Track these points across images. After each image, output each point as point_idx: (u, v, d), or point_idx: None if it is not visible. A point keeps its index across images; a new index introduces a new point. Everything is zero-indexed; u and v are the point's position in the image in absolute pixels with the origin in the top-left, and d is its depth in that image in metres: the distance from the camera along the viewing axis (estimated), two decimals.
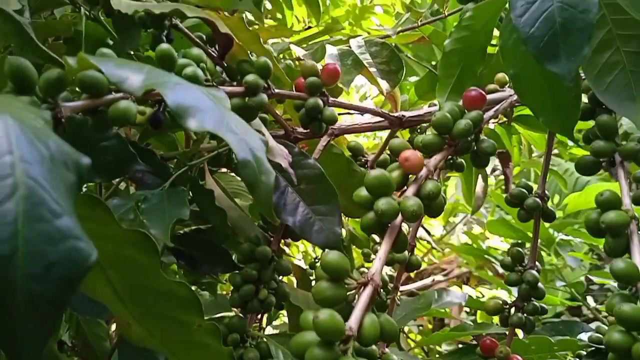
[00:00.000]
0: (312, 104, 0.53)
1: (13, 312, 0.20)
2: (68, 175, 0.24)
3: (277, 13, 2.30)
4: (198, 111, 0.28)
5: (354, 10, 2.26)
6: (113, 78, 0.29)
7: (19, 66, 0.34)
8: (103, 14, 0.67)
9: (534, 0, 0.42)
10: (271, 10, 2.11)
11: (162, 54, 0.41)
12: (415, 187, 0.41)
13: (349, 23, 2.33)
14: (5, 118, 0.23)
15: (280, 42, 1.22)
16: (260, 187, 0.28)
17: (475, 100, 0.47)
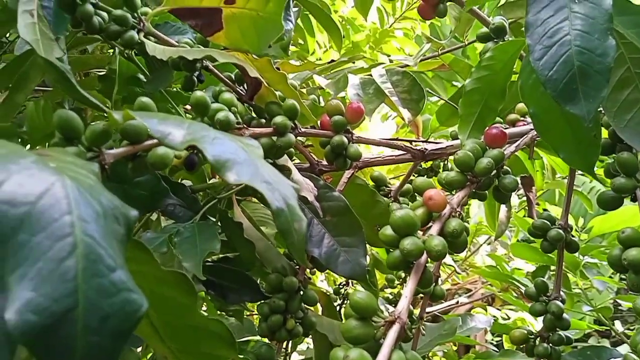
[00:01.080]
0: (338, 141, 0.55)
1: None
2: (118, 229, 0.26)
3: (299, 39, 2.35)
4: (235, 164, 0.30)
5: (374, 34, 2.29)
6: (156, 134, 0.31)
7: (67, 118, 0.37)
8: (135, 51, 0.71)
9: (552, 44, 0.43)
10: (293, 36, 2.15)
11: (197, 101, 0.44)
12: (440, 225, 0.42)
13: (369, 47, 2.37)
14: (64, 179, 0.25)
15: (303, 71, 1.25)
16: (293, 235, 0.30)
17: (496, 138, 0.48)
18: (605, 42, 0.42)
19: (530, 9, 0.46)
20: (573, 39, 0.43)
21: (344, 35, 2.09)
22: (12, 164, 0.25)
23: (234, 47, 0.59)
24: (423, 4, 0.56)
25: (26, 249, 0.22)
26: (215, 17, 0.58)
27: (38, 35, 0.51)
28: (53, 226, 0.23)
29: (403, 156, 0.65)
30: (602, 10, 0.43)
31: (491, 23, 0.59)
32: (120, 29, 0.57)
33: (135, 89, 0.84)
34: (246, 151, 0.32)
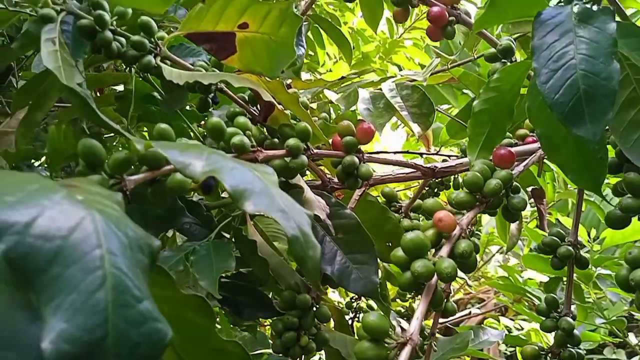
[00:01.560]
0: (349, 161, 0.56)
1: None
2: (143, 259, 0.28)
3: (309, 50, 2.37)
4: (252, 194, 0.31)
5: (384, 44, 2.30)
6: (178, 165, 0.33)
7: (91, 147, 0.39)
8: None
9: (557, 68, 0.45)
10: None
11: (214, 126, 0.45)
12: (449, 247, 0.43)
13: (379, 57, 2.38)
14: (93, 213, 0.26)
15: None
16: (307, 261, 0.32)
17: (504, 158, 0.49)
18: (609, 66, 0.43)
19: (536, 32, 0.47)
20: (578, 62, 0.44)
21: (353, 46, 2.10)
22: (44, 199, 0.27)
23: (247, 69, 0.61)
24: (431, 27, 0.57)
25: (60, 282, 0.24)
26: (229, 41, 0.59)
27: (60, 62, 0.53)
28: (84, 259, 0.25)
29: (413, 174, 0.66)
30: (607, 34, 0.44)
31: (498, 44, 0.60)
32: (137, 53, 0.59)
33: (150, 107, 0.86)
34: (262, 180, 0.34)
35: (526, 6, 0.49)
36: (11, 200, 0.26)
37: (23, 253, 0.24)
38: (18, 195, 0.26)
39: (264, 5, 0.56)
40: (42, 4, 0.55)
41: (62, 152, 0.58)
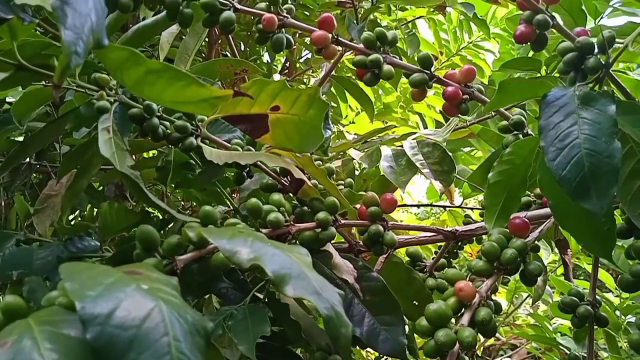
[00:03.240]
0: (374, 230, 0.61)
1: None
2: (200, 342, 0.32)
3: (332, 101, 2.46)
4: (291, 278, 0.36)
5: (405, 94, 2.37)
6: (226, 253, 0.38)
7: (147, 233, 0.44)
8: None
9: (563, 147, 0.49)
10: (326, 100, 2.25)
11: (252, 206, 0.51)
12: (470, 315, 0.47)
13: (401, 106, 2.44)
14: (161, 304, 0.31)
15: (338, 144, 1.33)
16: (340, 338, 0.36)
17: (520, 228, 0.53)
18: (611, 145, 0.47)
19: (543, 113, 0.52)
20: (582, 142, 0.48)
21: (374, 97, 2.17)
22: (119, 292, 0.32)
23: (279, 146, 0.66)
24: (447, 104, 0.62)
25: None
26: (262, 121, 0.65)
27: (114, 149, 0.60)
28: (155, 346, 0.29)
29: (435, 237, 0.70)
30: (607, 116, 0.49)
31: (511, 118, 0.65)
32: (180, 136, 0.65)
33: (187, 174, 0.92)
34: (298, 263, 0.38)
35: (532, 89, 0.54)
36: (93, 295, 0.31)
37: (105, 341, 0.29)
38: (98, 289, 0.32)
39: (293, 91, 0.62)
40: (98, 96, 0.62)
41: (113, 227, 0.64)
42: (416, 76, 0.62)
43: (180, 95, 0.43)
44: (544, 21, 0.54)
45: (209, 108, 0.43)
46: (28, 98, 0.86)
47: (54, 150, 1.26)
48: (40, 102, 0.97)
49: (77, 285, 0.32)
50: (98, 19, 0.41)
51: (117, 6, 0.56)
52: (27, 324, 0.33)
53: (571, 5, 0.98)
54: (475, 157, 2.04)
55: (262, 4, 0.61)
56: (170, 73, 0.43)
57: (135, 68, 0.43)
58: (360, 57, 0.62)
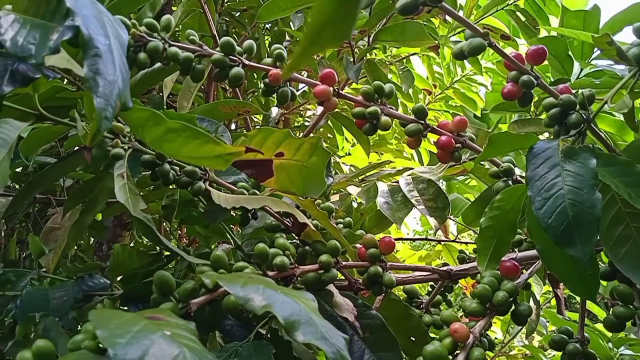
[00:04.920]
0: (374, 271, 0.64)
1: None
2: None
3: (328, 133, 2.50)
4: (300, 325, 0.39)
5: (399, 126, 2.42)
6: (240, 300, 0.41)
7: (164, 278, 0.48)
8: None
9: (549, 197, 0.53)
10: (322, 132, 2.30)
11: (260, 251, 0.54)
12: (465, 354, 0.50)
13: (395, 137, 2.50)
14: (184, 351, 0.35)
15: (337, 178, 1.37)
16: None
17: (510, 270, 0.57)
18: (592, 196, 0.51)
19: (530, 164, 0.56)
20: (566, 193, 0.52)
21: None
22: (146, 339, 0.35)
23: (283, 190, 0.70)
24: (440, 152, 0.66)
25: None
26: (267, 166, 0.69)
27: (128, 194, 0.63)
28: None
29: (431, 276, 0.73)
30: (589, 169, 0.53)
31: (501, 165, 0.69)
32: (190, 180, 0.69)
33: (192, 211, 0.96)
34: (307, 309, 0.42)
35: (519, 142, 0.58)
36: (123, 342, 0.34)
37: None
38: (127, 337, 0.35)
39: (297, 139, 0.66)
40: (113, 144, 0.66)
41: (124, 267, 0.67)
42: (412, 126, 0.67)
43: (197, 151, 0.47)
44: (529, 81, 0.58)
45: (223, 163, 0.47)
46: (36, 136, 0.89)
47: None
48: (48, 140, 1.01)
49: (107, 333, 0.36)
50: (124, 84, 0.45)
51: (135, 63, 0.61)
52: None
53: (558, 51, 1.04)
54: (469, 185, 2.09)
55: (268, 60, 0.66)
56: (188, 132, 0.47)
57: (156, 127, 0.47)
58: (359, 108, 0.66)
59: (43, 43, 0.46)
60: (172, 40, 0.64)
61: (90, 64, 0.42)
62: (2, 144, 0.57)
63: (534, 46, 0.59)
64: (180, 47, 0.63)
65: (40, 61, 0.46)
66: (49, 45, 0.46)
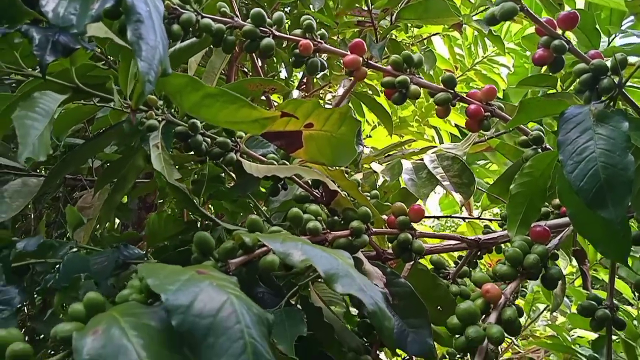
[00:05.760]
0: (403, 238, 0.65)
1: None
2: (264, 330, 0.37)
3: None
4: (339, 277, 0.41)
5: (420, 108, 2.42)
6: (280, 255, 0.43)
7: (204, 238, 0.49)
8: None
9: (580, 160, 0.53)
10: None
11: (294, 215, 0.56)
12: (497, 314, 0.51)
13: (416, 120, 2.49)
14: (231, 297, 0.36)
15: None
16: (384, 330, 0.40)
17: (540, 235, 0.58)
18: (625, 159, 0.52)
19: (561, 129, 0.56)
20: (598, 156, 0.52)
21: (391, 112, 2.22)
22: (195, 287, 0.37)
23: (312, 161, 0.71)
24: (470, 120, 0.67)
25: (214, 348, 0.34)
26: (296, 138, 0.71)
27: (163, 163, 0.65)
28: (229, 332, 0.34)
29: (459, 245, 0.74)
30: (621, 132, 0.53)
31: (530, 134, 0.69)
32: (222, 151, 0.71)
33: (219, 187, 0.98)
34: (343, 264, 0.43)
35: (551, 107, 0.58)
36: (173, 289, 0.36)
37: (187, 327, 0.34)
38: (176, 285, 0.37)
39: (326, 110, 0.67)
40: (147, 115, 0.68)
41: (159, 235, 0.69)
42: (441, 95, 0.67)
43: (234, 116, 0.49)
44: (561, 46, 0.58)
45: (259, 128, 0.48)
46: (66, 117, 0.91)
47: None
48: (78, 120, 1.03)
49: (158, 281, 0.37)
50: (164, 50, 0.47)
51: (169, 35, 0.62)
52: (112, 315, 0.38)
53: (586, 26, 1.03)
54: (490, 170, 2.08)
55: (297, 31, 0.67)
56: (225, 97, 0.48)
57: (194, 93, 0.49)
58: (388, 78, 0.67)
59: (84, 13, 0.48)
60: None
61: (133, 29, 0.44)
62: (44, 114, 0.59)
63: (566, 11, 0.59)
64: (212, 19, 0.64)
65: (83, 30, 0.48)
66: (90, 14, 0.47)
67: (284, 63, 1.93)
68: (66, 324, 0.40)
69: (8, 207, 1.02)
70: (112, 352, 0.34)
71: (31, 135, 0.54)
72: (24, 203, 1.07)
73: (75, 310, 0.41)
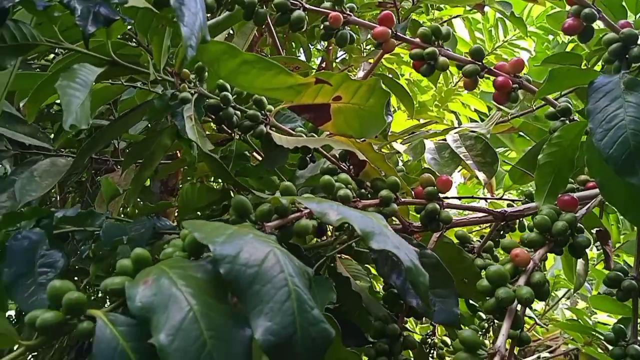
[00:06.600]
0: (431, 208, 0.67)
1: None
2: (306, 281, 0.39)
3: None
4: (375, 234, 0.42)
5: (440, 93, 2.41)
6: (317, 214, 0.45)
7: (242, 202, 0.51)
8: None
9: (610, 128, 0.54)
10: None
11: (325, 183, 0.57)
12: (526, 278, 0.52)
13: (436, 105, 2.49)
14: (275, 249, 0.38)
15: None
16: (419, 285, 0.42)
17: (568, 204, 0.58)
18: None
19: (590, 98, 0.57)
20: (628, 123, 0.53)
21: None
22: (240, 240, 0.38)
23: (340, 133, 0.73)
24: (497, 92, 0.67)
25: (260, 295, 0.35)
26: (324, 110, 0.72)
27: (197, 135, 0.67)
28: (274, 280, 0.36)
29: (485, 217, 0.75)
30: None
31: (557, 105, 0.69)
32: (252, 124, 0.72)
33: (246, 163, 1.00)
34: (378, 224, 0.44)
35: (580, 77, 0.59)
36: (220, 241, 0.38)
37: (234, 275, 0.36)
38: (222, 237, 0.39)
39: (355, 82, 0.68)
40: (180, 88, 0.70)
41: (192, 205, 0.71)
42: (469, 67, 0.68)
43: (270, 82, 0.50)
44: (591, 14, 0.59)
45: (294, 94, 0.50)
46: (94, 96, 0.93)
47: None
48: (105, 100, 1.06)
49: (204, 234, 0.39)
50: (204, 18, 0.48)
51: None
52: (160, 268, 0.40)
53: (612, 2, 1.02)
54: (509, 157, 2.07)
55: (327, 4, 0.68)
56: (262, 64, 0.50)
57: (232, 60, 0.50)
58: (417, 50, 0.68)
59: None
60: None
61: None
62: (83, 84, 0.60)
63: None
64: None
65: (124, 0, 0.49)
66: None
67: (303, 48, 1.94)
68: (115, 278, 0.42)
69: (38, 185, 1.06)
70: (163, 300, 0.36)
71: (74, 103, 0.56)
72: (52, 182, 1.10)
73: (123, 265, 0.43)
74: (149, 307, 0.36)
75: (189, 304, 0.35)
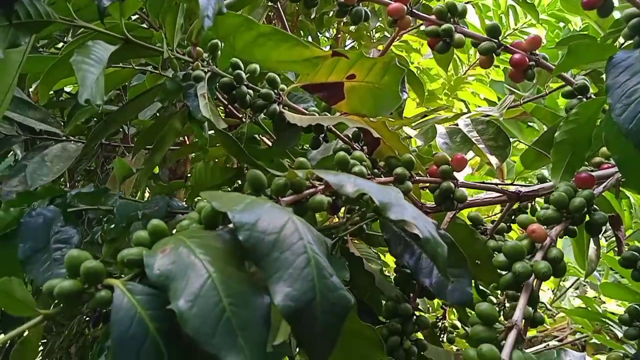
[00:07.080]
0: (446, 187, 0.66)
1: (314, 331, 0.34)
2: (324, 250, 0.39)
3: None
4: (393, 205, 0.42)
5: (449, 81, 2.40)
6: (335, 186, 0.44)
7: (257, 176, 0.51)
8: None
9: (630, 102, 0.53)
10: None
11: (340, 159, 0.57)
12: (542, 253, 0.52)
13: (445, 94, 2.47)
14: (293, 217, 0.38)
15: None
16: (438, 257, 0.41)
17: (585, 181, 0.58)
18: None
19: (610, 73, 0.56)
20: None
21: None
22: (259, 208, 0.38)
23: (354, 112, 0.72)
24: (514, 70, 0.67)
25: (279, 262, 0.35)
26: (338, 89, 0.71)
27: (210, 113, 0.67)
28: (293, 247, 0.36)
29: (500, 197, 0.74)
30: None
31: (574, 83, 0.69)
32: (265, 103, 0.72)
33: (256, 146, 0.99)
34: (395, 196, 0.44)
35: (599, 52, 0.58)
36: (239, 209, 0.38)
37: (253, 243, 0.36)
38: (241, 206, 0.38)
39: (369, 60, 0.67)
40: (194, 67, 0.69)
41: (204, 185, 0.71)
42: (485, 44, 0.67)
43: (287, 55, 0.50)
44: None
45: (311, 67, 0.49)
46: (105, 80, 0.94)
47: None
48: (116, 84, 1.06)
49: (223, 203, 0.39)
50: None
51: None
52: (178, 237, 0.40)
53: None
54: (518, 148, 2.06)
55: None
56: (278, 36, 0.49)
57: (248, 32, 0.50)
58: (432, 27, 0.67)
59: None
60: None
61: None
62: (98, 60, 0.60)
63: None
64: None
65: None
66: None
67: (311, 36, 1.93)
68: (132, 249, 0.42)
69: (49, 170, 1.06)
70: (182, 267, 0.36)
71: (89, 78, 0.56)
72: (63, 167, 1.11)
73: (139, 236, 0.43)
74: (167, 275, 0.35)
75: (208, 271, 0.35)
